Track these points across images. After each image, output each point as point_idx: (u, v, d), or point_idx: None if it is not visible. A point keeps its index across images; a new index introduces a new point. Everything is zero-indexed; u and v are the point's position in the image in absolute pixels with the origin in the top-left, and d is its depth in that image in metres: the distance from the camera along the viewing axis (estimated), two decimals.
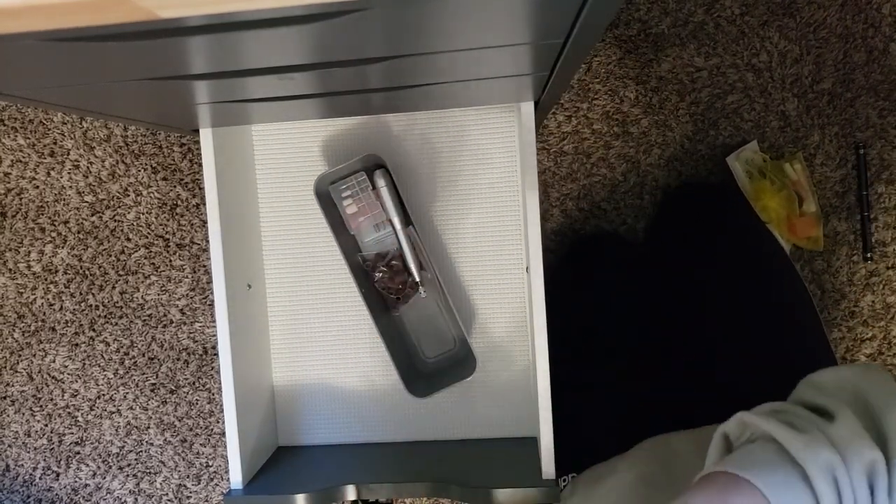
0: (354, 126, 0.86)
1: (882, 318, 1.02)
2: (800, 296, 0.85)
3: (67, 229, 1.12)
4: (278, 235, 0.89)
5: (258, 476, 0.81)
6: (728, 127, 1.01)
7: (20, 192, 1.12)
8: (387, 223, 0.82)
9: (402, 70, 0.54)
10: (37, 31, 0.33)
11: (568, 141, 1.03)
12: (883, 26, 0.98)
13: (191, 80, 0.52)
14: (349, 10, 0.35)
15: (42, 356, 1.14)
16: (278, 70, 0.50)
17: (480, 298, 0.87)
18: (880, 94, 0.99)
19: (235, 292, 0.80)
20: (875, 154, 1.00)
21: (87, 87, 0.54)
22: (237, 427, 0.77)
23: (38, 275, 1.13)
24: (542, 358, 0.74)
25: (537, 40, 0.47)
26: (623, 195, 1.03)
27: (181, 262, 1.11)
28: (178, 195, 1.10)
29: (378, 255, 0.84)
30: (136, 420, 1.14)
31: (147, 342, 1.12)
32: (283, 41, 0.42)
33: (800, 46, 1.00)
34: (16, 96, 0.54)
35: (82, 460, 1.15)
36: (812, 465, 0.41)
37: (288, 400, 0.90)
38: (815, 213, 0.98)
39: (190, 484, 1.14)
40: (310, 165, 0.87)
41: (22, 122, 1.12)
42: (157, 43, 0.40)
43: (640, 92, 1.02)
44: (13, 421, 1.16)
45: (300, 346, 0.89)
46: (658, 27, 1.00)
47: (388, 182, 0.80)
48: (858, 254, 1.01)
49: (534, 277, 0.74)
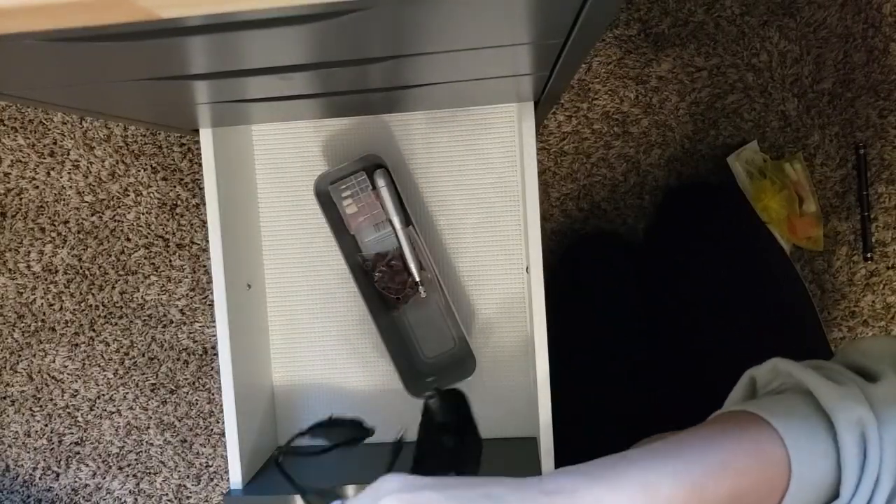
0: (354, 126, 0.86)
1: (882, 318, 1.02)
2: (800, 296, 0.85)
3: (67, 229, 1.12)
4: (278, 235, 0.89)
5: (258, 476, 0.81)
6: (728, 127, 1.01)
7: (20, 192, 1.12)
8: (387, 223, 0.82)
9: (402, 70, 0.54)
10: (37, 31, 0.33)
11: (568, 141, 1.03)
12: (883, 26, 0.98)
13: (191, 80, 0.52)
14: (349, 10, 0.35)
15: (42, 356, 1.14)
16: (278, 70, 0.50)
17: (480, 298, 0.87)
18: (880, 94, 0.99)
19: (235, 292, 0.80)
20: (875, 154, 1.00)
21: (87, 87, 0.54)
22: (237, 427, 0.77)
23: (38, 275, 1.13)
24: (541, 358, 0.74)
25: (537, 40, 0.47)
26: (623, 195, 1.03)
27: (181, 262, 1.11)
28: (178, 195, 1.10)
29: (378, 255, 0.84)
30: (136, 420, 1.14)
31: (147, 342, 1.12)
32: (283, 41, 0.42)
33: (800, 46, 1.00)
34: (16, 96, 0.54)
35: (82, 460, 1.15)
36: (841, 417, 0.38)
37: (288, 400, 0.90)
38: (815, 213, 0.98)
39: (190, 484, 1.14)
40: (310, 165, 0.87)
41: (22, 122, 1.12)
42: (157, 43, 0.40)
43: (640, 92, 1.02)
44: (13, 421, 1.16)
45: (300, 346, 0.89)
46: (658, 27, 1.00)
47: (388, 182, 0.80)
48: (858, 254, 1.01)
49: (534, 277, 0.74)
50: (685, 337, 0.84)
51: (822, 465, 0.38)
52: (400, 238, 0.82)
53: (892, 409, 0.38)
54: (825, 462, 0.38)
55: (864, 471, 0.37)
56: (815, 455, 0.38)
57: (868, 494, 0.37)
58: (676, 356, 0.85)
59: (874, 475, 0.37)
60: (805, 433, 0.38)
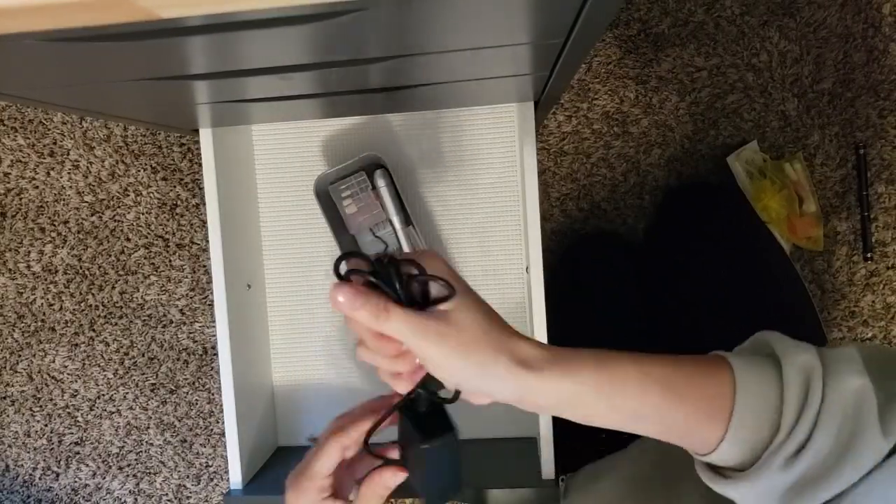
0: (354, 126, 0.86)
1: (882, 318, 1.02)
2: (800, 296, 0.85)
3: (67, 229, 1.12)
4: (278, 235, 0.89)
5: (258, 476, 0.81)
6: (728, 127, 1.01)
7: (20, 192, 1.12)
8: (387, 223, 0.82)
9: (402, 70, 0.54)
10: (37, 31, 0.33)
11: (568, 141, 1.03)
12: (883, 26, 0.98)
13: (191, 80, 0.52)
14: (349, 10, 0.35)
15: (42, 356, 1.14)
16: (278, 70, 0.50)
17: None
18: (880, 94, 0.99)
19: (235, 292, 0.80)
20: (875, 154, 1.00)
21: (87, 87, 0.54)
22: (237, 427, 0.77)
23: (38, 275, 1.13)
24: None
25: (537, 40, 0.47)
26: (623, 195, 1.03)
27: (181, 262, 1.11)
28: (178, 195, 1.10)
29: (378, 255, 0.84)
30: (136, 420, 1.14)
31: (147, 342, 1.12)
32: (283, 41, 0.42)
33: (800, 46, 0.99)
34: (16, 96, 0.54)
35: (82, 460, 1.15)
36: (788, 359, 0.41)
37: (288, 400, 0.90)
38: (815, 213, 0.98)
39: (190, 484, 1.14)
40: (310, 165, 0.87)
41: (22, 122, 1.12)
42: (157, 43, 0.40)
43: (640, 92, 1.02)
44: (13, 421, 1.16)
45: (300, 346, 0.89)
46: (658, 27, 1.00)
47: (388, 182, 0.80)
48: (858, 254, 1.01)
49: (534, 277, 0.74)
50: (685, 337, 0.84)
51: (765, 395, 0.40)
52: (400, 238, 0.82)
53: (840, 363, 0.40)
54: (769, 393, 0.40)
55: (804, 408, 0.39)
56: (761, 385, 0.40)
57: (807, 431, 0.39)
58: (676, 355, 0.85)
59: (814, 414, 0.39)
60: (755, 369, 0.41)
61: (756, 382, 0.40)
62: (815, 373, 0.40)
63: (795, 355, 0.41)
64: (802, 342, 0.43)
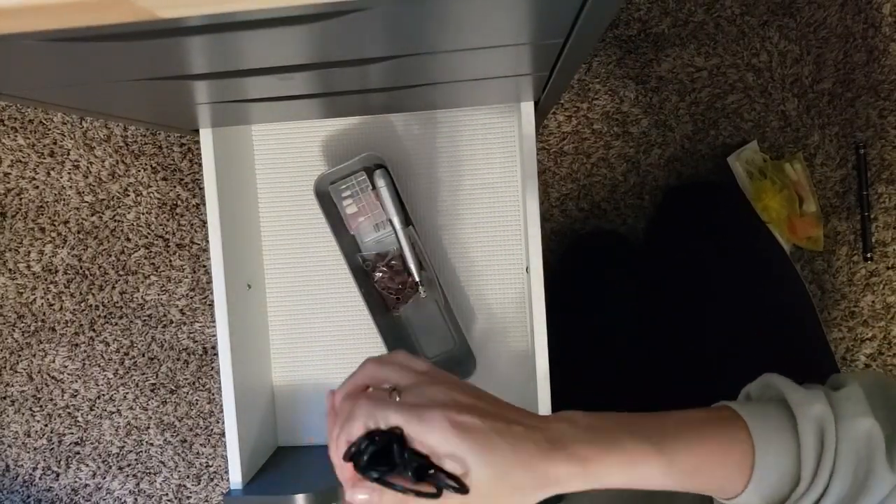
0: (354, 126, 0.86)
1: (882, 318, 1.02)
2: (800, 296, 0.85)
3: (67, 229, 1.12)
4: (278, 235, 0.89)
5: (258, 476, 0.81)
6: (728, 127, 1.01)
7: (20, 192, 1.12)
8: (387, 223, 0.82)
9: (402, 70, 0.54)
10: (37, 31, 0.33)
11: (568, 141, 1.03)
12: (883, 26, 0.98)
13: (191, 80, 0.52)
14: (349, 10, 0.35)
15: (42, 356, 1.14)
16: (278, 70, 0.50)
17: (480, 298, 0.87)
18: (880, 94, 0.99)
19: (235, 292, 0.80)
20: (875, 154, 1.00)
21: (88, 88, 0.54)
22: (237, 427, 0.77)
23: (38, 275, 1.13)
24: (541, 358, 0.74)
25: (537, 40, 0.47)
26: (623, 195, 1.03)
27: (181, 262, 1.11)
28: (178, 195, 1.10)
29: (378, 255, 0.84)
30: (136, 420, 1.14)
31: (147, 342, 1.12)
32: (283, 41, 0.42)
33: (800, 46, 1.00)
34: (16, 96, 0.54)
35: (82, 460, 1.15)
36: (802, 411, 0.43)
37: (288, 400, 0.90)
38: (815, 213, 0.98)
39: (190, 484, 1.14)
40: (310, 165, 0.87)
41: (22, 122, 1.12)
42: (157, 43, 0.40)
43: (640, 92, 1.02)
44: (13, 421, 1.16)
45: (300, 346, 0.89)
46: (658, 27, 1.00)
47: (387, 182, 0.80)
48: (858, 254, 1.01)
49: (534, 277, 0.74)
50: (685, 337, 0.84)
51: (784, 452, 0.42)
52: (400, 238, 0.82)
53: (847, 407, 0.43)
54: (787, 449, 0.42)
55: (821, 459, 0.41)
56: (778, 443, 0.43)
57: (825, 481, 0.41)
58: (676, 356, 0.85)
59: (830, 463, 0.41)
60: (771, 427, 0.43)
61: (775, 442, 0.43)
62: (828, 422, 0.42)
63: (808, 407, 0.43)
64: (811, 386, 0.46)
